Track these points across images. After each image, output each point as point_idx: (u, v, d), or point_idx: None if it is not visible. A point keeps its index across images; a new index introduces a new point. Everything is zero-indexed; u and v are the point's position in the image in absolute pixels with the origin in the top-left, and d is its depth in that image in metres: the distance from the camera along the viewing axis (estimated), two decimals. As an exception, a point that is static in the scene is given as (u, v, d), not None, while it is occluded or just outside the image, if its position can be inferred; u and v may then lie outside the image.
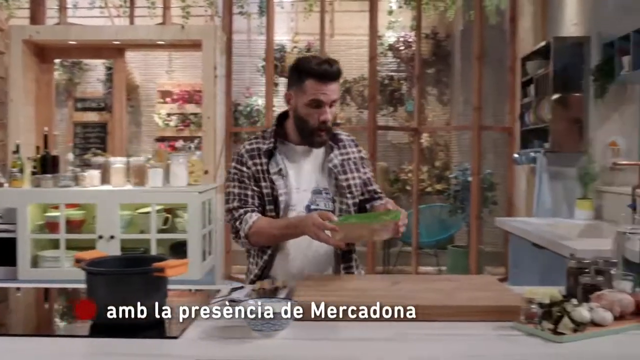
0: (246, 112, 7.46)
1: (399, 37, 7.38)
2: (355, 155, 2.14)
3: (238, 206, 1.99)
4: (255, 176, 2.01)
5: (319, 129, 1.96)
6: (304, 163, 2.05)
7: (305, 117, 1.96)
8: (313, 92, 1.92)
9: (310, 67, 1.92)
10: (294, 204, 2.00)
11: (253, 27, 7.39)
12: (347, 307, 1.45)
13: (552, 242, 2.86)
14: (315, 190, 2.03)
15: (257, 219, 1.95)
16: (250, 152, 2.04)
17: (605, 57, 3.71)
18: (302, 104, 1.95)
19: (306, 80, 1.93)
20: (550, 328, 1.31)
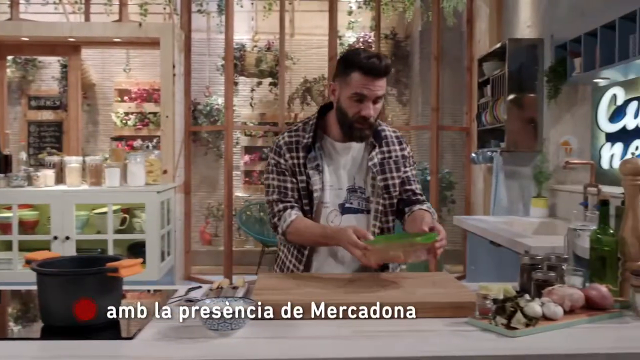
0: (206, 111, 7.39)
1: (358, 38, 7.43)
2: (397, 153, 2.04)
3: (277, 199, 1.96)
4: (292, 169, 1.96)
5: (358, 122, 1.89)
6: (342, 160, 1.99)
7: (347, 110, 1.90)
8: (357, 85, 1.85)
9: (358, 60, 1.85)
10: (327, 201, 1.96)
11: (212, 26, 7.33)
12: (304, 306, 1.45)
13: (508, 239, 2.92)
14: (350, 188, 1.98)
15: (296, 219, 1.91)
16: (288, 144, 1.98)
17: (558, 58, 3.81)
18: (345, 97, 1.89)
19: (352, 73, 1.86)
20: (504, 323, 1.34)
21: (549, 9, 4.05)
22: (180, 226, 5.52)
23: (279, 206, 1.94)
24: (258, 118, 7.61)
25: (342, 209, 1.96)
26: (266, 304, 1.45)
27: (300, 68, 7.60)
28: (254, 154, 7.60)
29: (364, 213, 1.98)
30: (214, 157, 7.53)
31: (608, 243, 1.61)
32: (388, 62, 1.87)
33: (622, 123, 4.97)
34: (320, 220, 1.96)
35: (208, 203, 7.52)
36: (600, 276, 1.61)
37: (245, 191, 7.57)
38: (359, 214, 1.97)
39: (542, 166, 3.88)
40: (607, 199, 1.64)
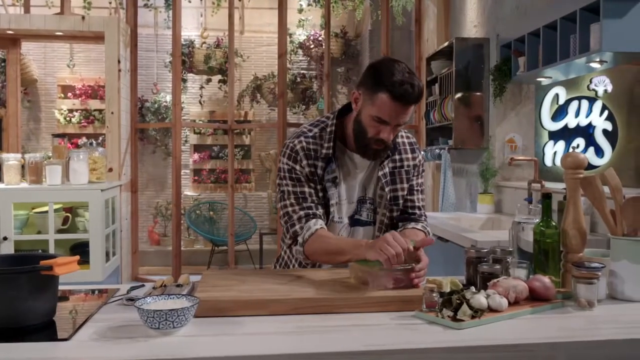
0: (154, 108, 7.24)
1: (309, 36, 7.42)
2: (409, 163, 1.91)
3: (295, 203, 1.78)
4: (309, 177, 1.80)
5: (375, 144, 1.74)
6: (357, 171, 1.85)
7: (366, 128, 1.72)
8: (384, 110, 1.67)
9: (390, 82, 1.65)
10: (342, 216, 1.85)
11: (160, 21, 7.18)
12: (248, 302, 1.42)
13: (455, 234, 2.95)
14: (361, 199, 1.87)
15: (320, 229, 1.74)
16: (306, 151, 1.80)
17: (503, 57, 3.88)
18: (367, 114, 1.71)
19: (380, 93, 1.67)
20: (450, 315, 1.34)
21: (495, 9, 4.13)
22: (127, 226, 5.38)
23: (299, 213, 1.77)
24: (207, 116, 7.51)
25: (351, 221, 1.86)
26: (209, 301, 1.41)
27: (250, 65, 7.54)
28: (204, 152, 7.49)
29: (371, 225, 1.89)
30: (162, 155, 7.38)
31: (550, 235, 1.63)
32: (421, 89, 1.69)
33: (564, 122, 5.12)
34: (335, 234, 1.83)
35: (156, 202, 7.36)
36: (544, 268, 1.64)
37: (194, 190, 7.46)
38: (366, 227, 1.88)
39: (488, 163, 3.96)
40: (549, 192, 1.67)
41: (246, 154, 7.54)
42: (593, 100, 5.12)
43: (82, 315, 1.44)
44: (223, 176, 7.39)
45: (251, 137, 7.56)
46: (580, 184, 1.63)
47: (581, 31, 2.93)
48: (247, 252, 6.80)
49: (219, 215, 7.30)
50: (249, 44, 7.57)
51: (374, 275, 1.55)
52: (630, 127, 5.16)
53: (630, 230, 1.57)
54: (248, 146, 7.55)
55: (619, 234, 1.59)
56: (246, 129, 7.40)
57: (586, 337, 1.26)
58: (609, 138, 5.10)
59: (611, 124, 5.10)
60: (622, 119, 5.14)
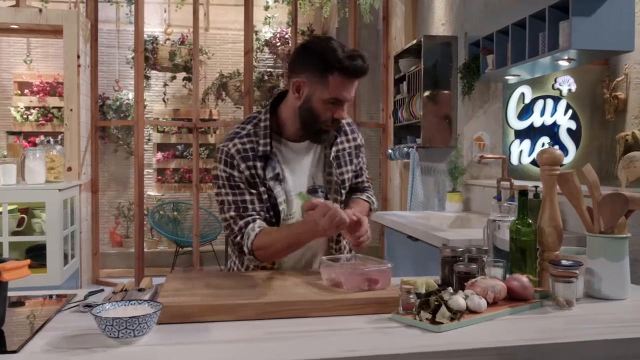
0: (115, 106, 7.04)
1: (275, 33, 7.32)
2: (351, 144, 1.88)
3: (235, 215, 1.70)
4: (250, 181, 1.71)
5: (328, 125, 1.71)
6: (301, 162, 1.78)
7: (319, 113, 1.67)
8: (338, 90, 1.63)
9: (338, 60, 1.61)
10: (294, 211, 1.77)
11: (122, 16, 6.99)
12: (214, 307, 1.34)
13: (425, 233, 2.91)
14: (311, 189, 1.79)
15: (260, 232, 1.68)
16: (242, 152, 1.71)
17: (471, 55, 3.87)
18: (320, 99, 1.65)
19: (331, 75, 1.62)
20: (428, 318, 1.28)
21: (463, 7, 4.11)
22: (87, 227, 5.20)
23: (239, 223, 1.70)
24: (171, 114, 7.35)
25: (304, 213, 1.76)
26: (173, 306, 1.32)
27: (215, 63, 7.41)
28: (167, 151, 7.32)
29: None
30: (125, 155, 7.19)
31: (527, 233, 1.59)
32: (367, 64, 1.66)
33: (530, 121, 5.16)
34: None
35: (118, 202, 7.17)
36: (520, 266, 1.60)
37: (157, 190, 7.29)
38: None
39: (457, 161, 3.94)
40: (525, 189, 1.63)
41: (211, 153, 7.40)
42: (558, 99, 5.17)
43: (34, 323, 1.33)
44: (187, 176, 7.23)
45: (216, 135, 7.43)
46: (557, 180, 1.59)
47: (550, 29, 2.92)
48: (212, 253, 6.67)
49: (183, 215, 7.15)
50: (214, 41, 7.44)
51: (347, 277, 1.48)
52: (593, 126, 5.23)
53: (607, 228, 1.54)
54: (213, 145, 7.42)
55: (596, 231, 1.56)
56: (211, 128, 7.27)
57: (568, 339, 1.22)
58: (573, 137, 5.16)
59: (575, 123, 5.16)
60: (585, 118, 5.21)
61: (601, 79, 5.18)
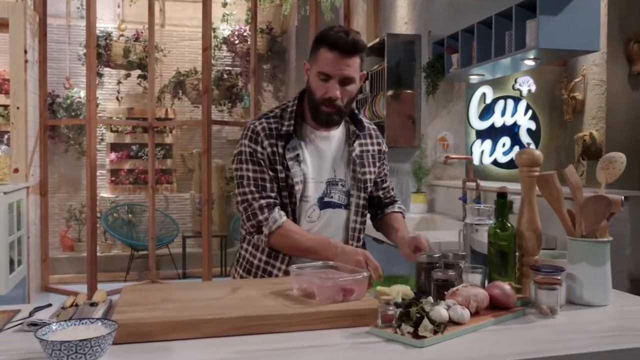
0: (66, 104, 6.76)
1: (233, 31, 7.17)
2: (375, 147, 1.91)
3: (256, 192, 1.72)
4: (271, 158, 1.74)
5: (324, 104, 1.71)
6: (323, 150, 1.80)
7: (314, 90, 1.72)
8: (324, 62, 1.68)
9: (327, 35, 1.69)
10: (309, 195, 1.77)
11: (73, 11, 6.72)
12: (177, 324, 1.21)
13: (392, 236, 2.83)
14: (330, 180, 1.80)
15: (287, 221, 1.71)
16: (267, 130, 1.75)
17: (435, 54, 3.82)
18: (313, 75, 1.72)
19: (320, 49, 1.70)
20: (410, 332, 1.19)
21: (426, 6, 4.06)
22: (36, 231, 4.95)
23: (261, 202, 1.71)
24: (125, 113, 7.11)
25: (321, 203, 1.78)
26: (130, 324, 1.19)
27: (172, 60, 7.20)
28: (121, 151, 7.08)
29: (342, 208, 1.81)
30: (76, 155, 6.92)
31: (506, 238, 1.52)
32: (357, 38, 1.69)
33: (491, 121, 5.18)
34: (302, 215, 1.77)
35: (69, 205, 6.89)
36: (500, 272, 1.52)
37: (111, 191, 7.03)
38: (338, 209, 1.81)
39: (421, 162, 3.89)
40: (505, 192, 1.56)
41: (167, 153, 7.19)
42: (518, 99, 5.20)
43: (-29, 345, 1.18)
44: (143, 177, 7.00)
45: (173, 135, 7.22)
46: (536, 182, 1.53)
47: (517, 28, 2.89)
48: (169, 256, 6.47)
49: (138, 218, 6.92)
50: (170, 38, 7.23)
51: (320, 287, 1.38)
52: (552, 126, 5.30)
53: (588, 231, 1.49)
54: (169, 145, 7.21)
55: (578, 235, 1.50)
56: (167, 127, 7.06)
57: (558, 351, 1.14)
58: (532, 137, 5.21)
59: (535, 124, 5.21)
60: (544, 118, 5.26)
61: (559, 79, 5.25)
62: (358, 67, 1.72)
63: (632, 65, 4.92)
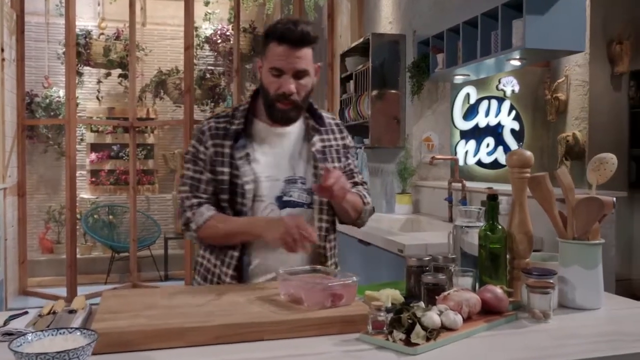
0: (45, 104, 6.63)
1: (216, 30, 7.09)
2: (338, 142, 1.82)
3: (189, 191, 1.70)
4: (213, 159, 1.69)
5: (279, 100, 1.65)
6: (278, 147, 1.73)
7: (267, 87, 1.66)
8: (274, 58, 1.62)
9: (274, 29, 1.62)
10: (263, 194, 1.68)
11: (51, 8, 6.59)
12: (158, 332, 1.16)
13: (380, 238, 2.80)
14: (289, 179, 1.71)
15: (215, 214, 1.67)
16: (213, 130, 1.71)
17: (420, 54, 3.80)
18: (265, 72, 1.66)
19: (270, 44, 1.63)
20: (402, 339, 1.15)
21: (411, 5, 4.04)
22: (13, 233, 4.84)
23: (192, 200, 1.69)
24: (106, 112, 6.99)
25: (280, 203, 1.69)
26: (111, 333, 1.14)
27: (153, 60, 7.10)
28: (102, 151, 6.96)
29: (305, 207, 1.72)
30: (55, 155, 6.79)
31: (497, 240, 1.49)
32: (306, 29, 1.61)
33: (475, 121, 5.18)
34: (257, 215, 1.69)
35: (49, 206, 6.76)
36: (491, 275, 1.49)
37: (91, 192, 6.91)
38: (300, 209, 1.72)
39: (406, 162, 3.86)
40: (495, 194, 1.53)
41: (149, 153, 7.09)
42: (502, 100, 5.21)
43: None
44: (124, 177, 6.90)
45: (154, 135, 7.13)
46: (527, 183, 1.50)
47: (503, 27, 2.87)
48: (150, 258, 6.38)
49: (119, 219, 6.81)
50: (151, 36, 7.13)
51: (308, 292, 1.33)
52: (535, 126, 5.31)
53: (580, 233, 1.46)
54: (151, 145, 7.11)
55: (570, 237, 1.48)
56: (149, 127, 6.96)
57: (553, 357, 1.12)
58: (516, 137, 5.22)
59: (518, 124, 5.22)
60: (528, 118, 5.28)
61: (543, 80, 5.27)
62: (310, 58, 1.65)
63: (615, 66, 4.96)
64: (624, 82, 5.02)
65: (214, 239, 1.69)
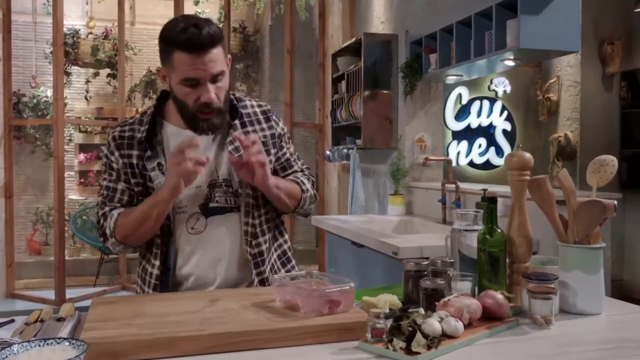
0: (32, 104, 6.56)
1: (206, 29, 7.04)
2: (265, 133, 1.67)
3: (102, 202, 1.62)
4: (124, 170, 1.59)
5: (201, 111, 1.51)
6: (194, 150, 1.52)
7: (183, 99, 1.52)
8: (183, 68, 1.47)
9: (174, 36, 1.46)
10: (184, 204, 1.59)
11: (39, 7, 6.52)
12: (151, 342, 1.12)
13: (373, 240, 2.77)
14: (213, 183, 1.60)
15: (121, 211, 1.58)
16: (119, 139, 1.61)
17: (413, 54, 3.77)
18: (176, 83, 1.51)
19: (173, 53, 1.47)
20: (403, 347, 1.12)
21: (404, 5, 4.01)
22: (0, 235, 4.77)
23: (105, 209, 1.61)
24: (94, 113, 6.92)
25: (206, 210, 1.60)
26: (101, 343, 1.09)
27: (142, 59, 7.04)
28: (90, 152, 6.89)
29: (234, 211, 1.62)
30: (43, 156, 6.71)
31: (496, 244, 1.46)
32: (212, 30, 1.46)
33: (467, 122, 5.16)
34: (180, 228, 1.60)
35: (36, 208, 6.68)
36: (490, 279, 1.46)
37: (80, 193, 6.84)
38: (228, 214, 1.62)
39: (399, 163, 3.83)
40: (494, 197, 1.51)
41: (138, 154, 7.02)
42: (493, 100, 5.19)
43: None
44: (113, 178, 6.83)
45: (144, 136, 7.06)
46: (527, 186, 1.48)
47: (497, 27, 2.84)
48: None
49: (108, 220, 6.74)
50: (140, 36, 7.07)
51: (305, 299, 1.30)
52: (527, 127, 5.31)
53: (582, 237, 1.44)
54: (140, 146, 7.05)
55: (570, 241, 1.45)
56: (138, 128, 6.89)
57: (558, 366, 1.09)
58: (508, 138, 5.21)
59: (510, 124, 5.21)
60: (519, 119, 5.27)
61: (534, 80, 5.26)
62: (222, 57, 1.52)
63: (606, 67, 4.97)
64: (615, 82, 5.03)
65: (129, 233, 1.57)
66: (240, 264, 1.64)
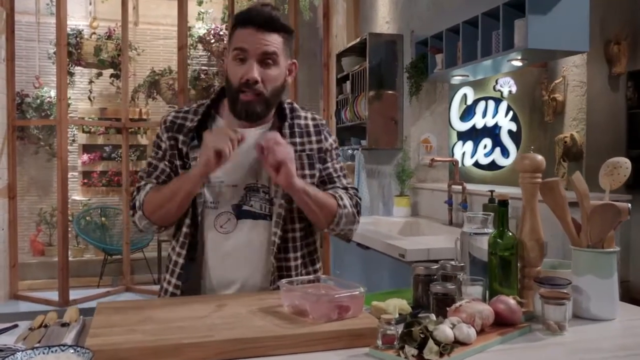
0: (36, 104, 6.54)
1: (209, 30, 7.02)
2: (313, 146, 1.63)
3: (140, 176, 1.65)
4: (170, 152, 1.61)
5: (242, 90, 1.51)
6: (246, 154, 1.54)
7: (231, 77, 1.54)
8: (237, 39, 1.51)
9: (240, 15, 1.54)
10: (217, 200, 1.56)
11: (42, 8, 6.50)
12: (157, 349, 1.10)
13: (379, 242, 2.74)
14: (251, 186, 1.57)
15: (154, 186, 1.60)
16: (169, 123, 1.63)
17: (419, 54, 3.74)
18: (230, 60, 1.54)
19: (235, 30, 1.53)
20: (415, 355, 1.09)
21: (409, 5, 3.98)
22: (3, 236, 4.74)
23: (141, 182, 1.63)
24: (98, 113, 6.90)
25: (239, 212, 1.56)
26: (106, 350, 1.07)
27: (146, 60, 7.02)
28: (94, 152, 6.87)
29: (266, 219, 1.58)
30: (46, 157, 6.70)
31: (507, 248, 1.44)
32: (275, 14, 1.51)
33: (472, 122, 5.13)
34: (209, 224, 1.57)
35: (40, 208, 6.66)
36: (501, 283, 1.44)
37: (83, 194, 6.82)
38: (260, 220, 1.58)
39: (405, 164, 3.81)
40: (506, 200, 1.48)
41: (142, 154, 7.01)
42: (499, 100, 5.16)
43: None
44: (116, 179, 6.81)
45: (147, 136, 7.04)
46: (539, 189, 1.45)
47: (504, 27, 2.82)
48: (144, 260, 6.30)
49: (111, 221, 6.73)
50: (144, 36, 7.05)
51: (314, 304, 1.27)
52: (532, 127, 5.27)
53: (595, 241, 1.41)
54: (144, 146, 7.03)
55: (584, 245, 1.42)
56: (142, 128, 6.88)
57: (574, 374, 1.06)
58: (513, 138, 5.17)
59: (515, 125, 5.18)
60: (525, 119, 5.23)
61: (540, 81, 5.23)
62: (281, 46, 1.51)
63: (612, 67, 4.93)
64: (622, 82, 4.99)
65: (157, 209, 1.55)
66: (263, 274, 1.59)
